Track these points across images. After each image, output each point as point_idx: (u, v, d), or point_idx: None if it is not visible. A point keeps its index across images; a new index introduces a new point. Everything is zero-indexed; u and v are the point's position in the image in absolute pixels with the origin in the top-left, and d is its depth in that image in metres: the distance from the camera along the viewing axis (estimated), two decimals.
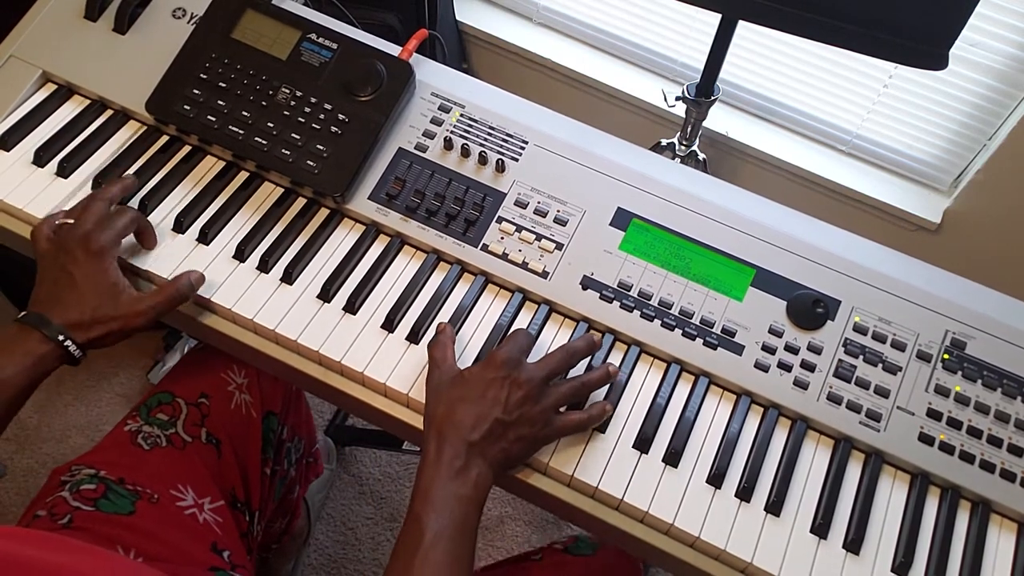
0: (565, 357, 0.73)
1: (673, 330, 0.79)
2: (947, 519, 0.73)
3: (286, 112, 0.85)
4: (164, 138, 0.89)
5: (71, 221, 0.76)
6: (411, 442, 0.84)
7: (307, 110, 0.85)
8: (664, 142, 1.47)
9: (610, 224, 0.83)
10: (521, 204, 0.84)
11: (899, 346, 0.78)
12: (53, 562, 0.48)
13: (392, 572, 0.62)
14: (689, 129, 1.41)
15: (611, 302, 0.80)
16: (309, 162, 0.83)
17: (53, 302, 0.73)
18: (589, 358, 0.77)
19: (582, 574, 0.85)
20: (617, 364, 0.78)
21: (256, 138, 0.84)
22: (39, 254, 0.76)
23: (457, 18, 1.77)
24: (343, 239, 0.84)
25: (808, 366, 0.77)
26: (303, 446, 1.11)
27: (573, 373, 0.76)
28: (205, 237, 0.82)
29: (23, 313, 0.72)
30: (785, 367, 0.77)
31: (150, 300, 0.75)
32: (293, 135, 0.84)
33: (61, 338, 0.71)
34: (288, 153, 0.84)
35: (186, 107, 0.85)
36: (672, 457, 0.74)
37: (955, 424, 0.75)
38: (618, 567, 0.88)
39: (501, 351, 0.71)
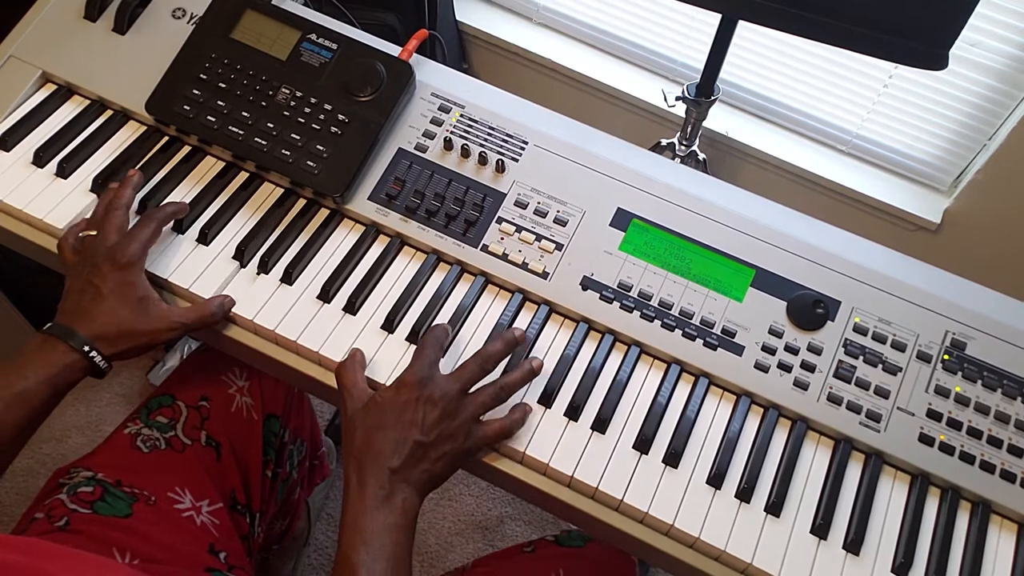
0: (479, 364, 0.72)
1: (673, 331, 0.79)
2: (947, 520, 0.73)
3: (286, 112, 0.85)
4: (164, 138, 0.89)
5: (94, 232, 0.76)
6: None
7: (307, 110, 0.85)
8: (664, 142, 1.47)
9: (610, 224, 0.83)
10: (521, 204, 0.84)
11: (899, 347, 0.78)
12: (40, 568, 0.48)
13: None
14: (689, 129, 1.41)
15: (611, 303, 0.80)
16: (309, 162, 0.83)
17: (80, 314, 0.72)
18: (507, 357, 0.75)
19: (574, 565, 0.85)
20: (617, 365, 0.78)
21: (256, 138, 0.84)
22: (66, 266, 0.76)
23: (457, 18, 1.77)
24: (343, 239, 0.84)
25: (808, 367, 0.77)
26: (306, 448, 1.11)
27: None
28: (205, 238, 0.82)
29: (49, 324, 0.72)
30: (785, 368, 0.77)
31: (180, 317, 0.74)
32: (293, 135, 0.84)
33: (87, 349, 0.70)
34: (288, 153, 0.84)
35: (186, 107, 0.85)
36: (672, 458, 0.74)
37: (955, 425, 0.75)
38: (610, 558, 0.88)
39: (410, 370, 0.70)
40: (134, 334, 0.73)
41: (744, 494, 0.72)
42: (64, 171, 0.84)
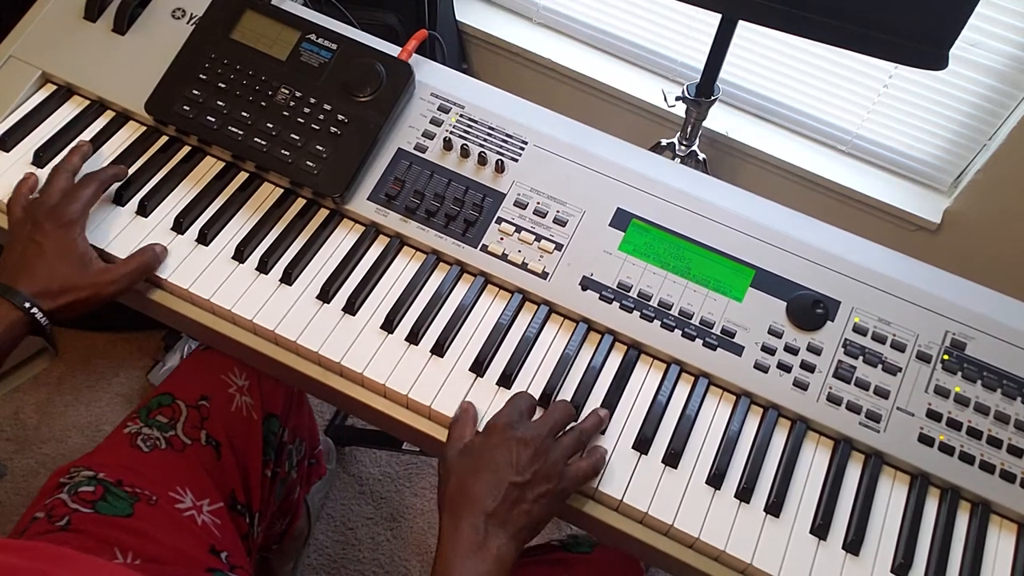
0: (565, 409, 0.72)
1: (673, 331, 0.79)
2: (947, 520, 0.73)
3: (285, 113, 0.85)
4: (163, 138, 0.89)
5: (38, 195, 0.79)
6: (410, 443, 0.84)
7: (306, 111, 0.85)
8: (664, 142, 1.47)
9: (610, 225, 0.83)
10: (520, 204, 0.84)
11: (899, 347, 0.78)
12: (41, 570, 0.48)
13: None
14: (689, 129, 1.41)
15: (611, 303, 0.80)
16: (308, 163, 0.83)
17: (20, 271, 0.74)
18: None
19: (582, 571, 0.85)
20: (616, 365, 0.78)
21: (256, 139, 0.84)
22: (10, 224, 0.78)
23: (457, 18, 1.77)
24: (342, 240, 0.84)
25: (808, 367, 0.77)
26: (304, 448, 1.11)
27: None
28: (204, 238, 0.82)
29: None
30: (785, 368, 0.77)
31: (120, 268, 0.77)
32: (292, 136, 0.84)
33: (27, 305, 0.72)
34: (287, 154, 0.84)
35: (185, 107, 0.85)
36: (672, 458, 0.74)
37: (955, 425, 0.75)
38: (618, 564, 0.88)
39: (500, 415, 0.70)
40: (75, 288, 0.74)
41: (744, 494, 0.72)
42: None
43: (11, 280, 0.73)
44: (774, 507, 0.72)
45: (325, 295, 0.80)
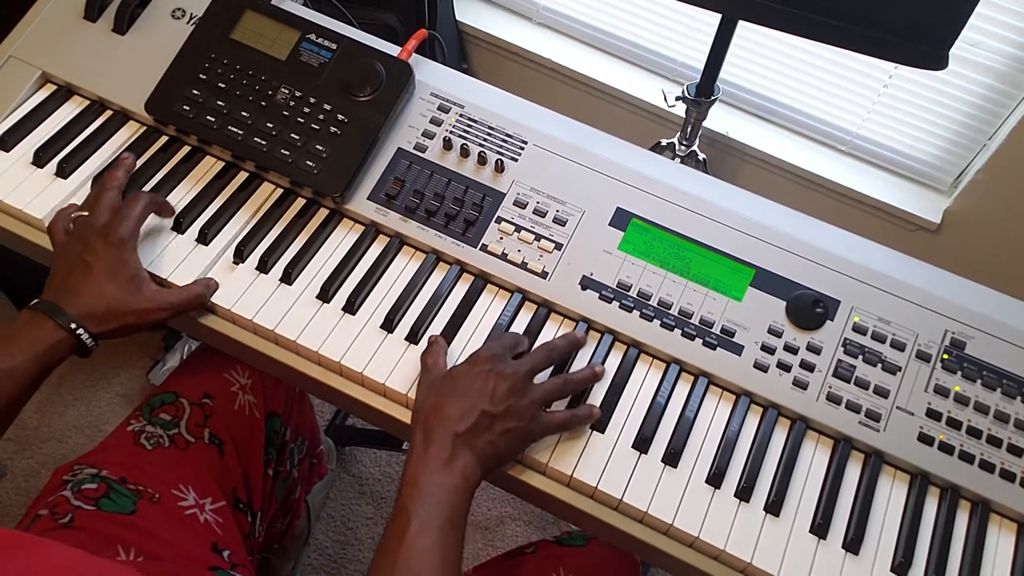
0: (546, 353, 0.74)
1: (672, 330, 0.79)
2: (947, 519, 0.73)
3: (285, 112, 0.85)
4: (163, 138, 0.89)
5: (86, 213, 0.77)
6: (410, 443, 0.84)
7: (306, 110, 0.85)
8: (664, 142, 1.47)
9: (609, 224, 0.83)
10: (520, 204, 0.84)
11: (898, 346, 0.78)
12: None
13: (378, 559, 0.63)
14: (689, 129, 1.41)
15: (610, 302, 0.80)
16: (308, 162, 0.83)
17: (68, 291, 0.72)
18: (572, 358, 0.78)
19: (577, 565, 0.85)
20: (616, 365, 0.78)
21: (255, 138, 0.84)
22: (56, 245, 0.77)
23: (457, 18, 1.77)
24: (342, 239, 0.84)
25: (807, 366, 0.77)
26: (306, 447, 1.11)
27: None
28: (204, 237, 0.82)
29: (36, 301, 0.72)
30: (784, 367, 0.77)
31: (170, 297, 0.75)
32: (292, 135, 0.84)
33: (74, 327, 0.70)
34: (287, 153, 0.84)
35: (185, 107, 0.85)
36: (671, 457, 0.74)
37: (955, 424, 0.75)
38: (612, 557, 0.88)
39: (486, 347, 0.73)
40: (123, 312, 0.73)
41: (743, 493, 0.73)
42: (64, 171, 0.85)
43: (57, 299, 0.72)
44: (774, 506, 0.72)
45: (325, 295, 0.80)
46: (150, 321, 0.74)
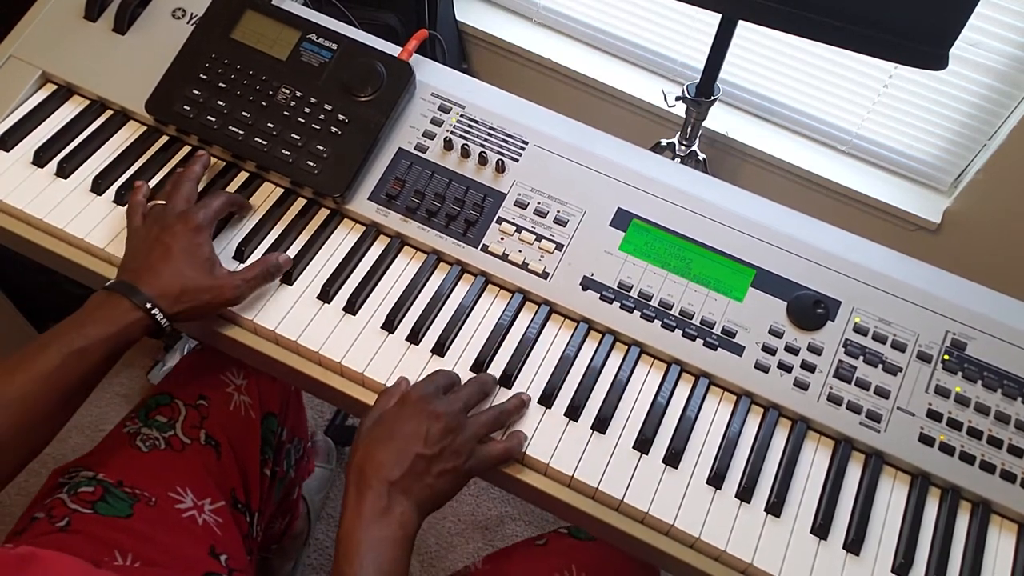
0: (478, 387, 0.73)
1: (673, 331, 0.79)
2: (947, 520, 0.73)
3: (286, 112, 0.85)
4: (164, 138, 0.89)
5: (163, 202, 0.78)
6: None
7: (307, 110, 0.84)
8: (664, 142, 1.47)
9: (610, 224, 0.83)
10: (521, 204, 0.84)
11: (899, 347, 0.78)
12: None
13: None
14: (689, 129, 1.41)
15: (611, 303, 0.80)
16: (309, 162, 0.83)
17: (144, 272, 0.72)
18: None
19: (589, 557, 0.84)
20: (617, 365, 0.78)
21: (256, 138, 0.84)
22: (131, 229, 0.78)
23: (457, 18, 1.77)
24: (343, 239, 0.84)
25: (808, 367, 0.77)
26: (303, 447, 1.11)
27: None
28: None
29: (111, 281, 0.72)
30: (785, 368, 0.77)
31: (243, 274, 0.76)
32: (293, 135, 0.84)
33: (149, 306, 0.70)
34: (288, 153, 0.84)
35: (186, 107, 0.85)
36: (672, 458, 0.74)
37: (955, 425, 0.75)
38: (625, 553, 0.87)
39: (415, 387, 0.71)
40: (198, 290, 0.73)
41: (744, 494, 0.72)
42: (64, 171, 0.84)
43: (133, 279, 0.72)
44: (775, 507, 0.72)
45: (325, 295, 0.80)
46: (224, 300, 0.75)
